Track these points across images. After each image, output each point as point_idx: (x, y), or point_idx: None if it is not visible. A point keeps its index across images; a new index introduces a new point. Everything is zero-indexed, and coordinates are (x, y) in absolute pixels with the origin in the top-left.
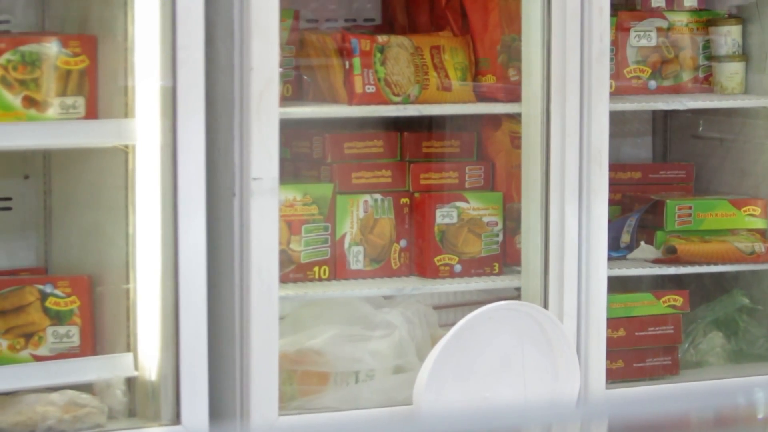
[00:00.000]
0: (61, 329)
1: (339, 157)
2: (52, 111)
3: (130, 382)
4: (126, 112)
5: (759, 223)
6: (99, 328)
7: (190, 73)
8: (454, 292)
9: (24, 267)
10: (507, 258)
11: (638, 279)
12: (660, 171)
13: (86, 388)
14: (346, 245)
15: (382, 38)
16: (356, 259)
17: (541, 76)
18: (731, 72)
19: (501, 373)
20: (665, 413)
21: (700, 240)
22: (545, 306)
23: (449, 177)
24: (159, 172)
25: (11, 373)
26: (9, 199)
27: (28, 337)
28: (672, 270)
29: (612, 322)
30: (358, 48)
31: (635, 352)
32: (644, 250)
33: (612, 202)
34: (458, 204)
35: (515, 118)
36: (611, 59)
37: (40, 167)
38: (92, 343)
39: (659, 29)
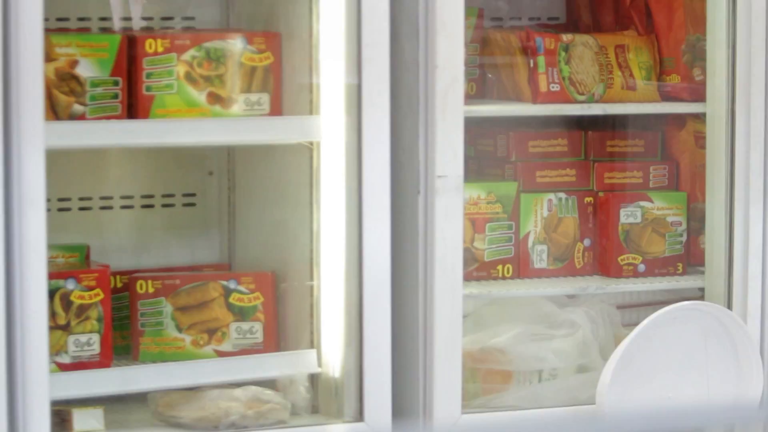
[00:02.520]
0: (245, 325)
1: (523, 156)
2: (236, 107)
3: (314, 379)
4: (311, 109)
5: None
6: (282, 324)
7: (376, 70)
8: (637, 291)
9: (207, 263)
10: (690, 258)
11: None
12: None
13: (269, 384)
14: (530, 244)
15: (566, 37)
16: (540, 257)
17: (726, 76)
18: None
19: (684, 373)
20: None
21: None
22: (729, 307)
23: (633, 176)
24: (344, 170)
25: (195, 369)
26: (193, 195)
27: (211, 332)
28: None
29: None
30: (542, 46)
31: None
32: None
33: None
34: (642, 203)
35: (700, 117)
36: None
37: (224, 163)
38: (275, 340)
39: None
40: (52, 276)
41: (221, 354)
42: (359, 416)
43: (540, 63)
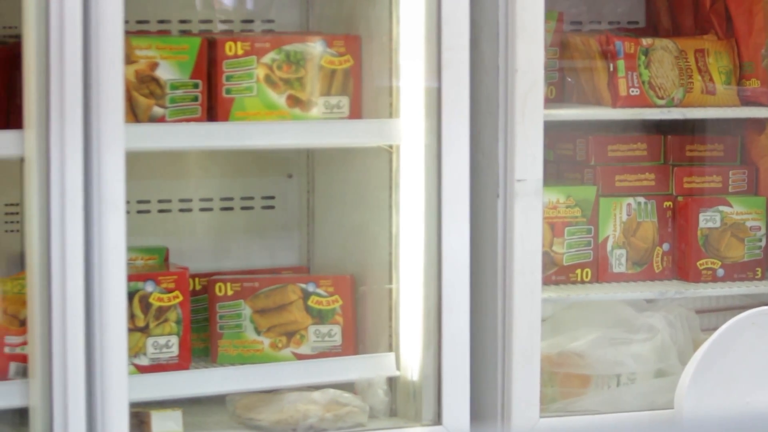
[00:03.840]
0: (323, 328)
1: (602, 160)
2: (316, 110)
3: (392, 382)
4: (390, 112)
5: None
6: (361, 327)
7: (455, 74)
8: (716, 296)
9: (286, 266)
10: None
11: None
12: None
13: (348, 387)
14: (609, 248)
15: (646, 41)
16: (619, 261)
17: None
18: None
19: (763, 378)
20: None
21: None
22: None
23: (712, 181)
24: (423, 173)
25: (273, 372)
26: (272, 197)
27: (290, 335)
28: None
29: None
30: (622, 50)
31: None
32: None
33: None
34: (721, 208)
35: None
36: None
37: (304, 166)
38: (354, 343)
39: None
40: (131, 278)
41: (300, 357)
42: (437, 419)
43: (620, 67)
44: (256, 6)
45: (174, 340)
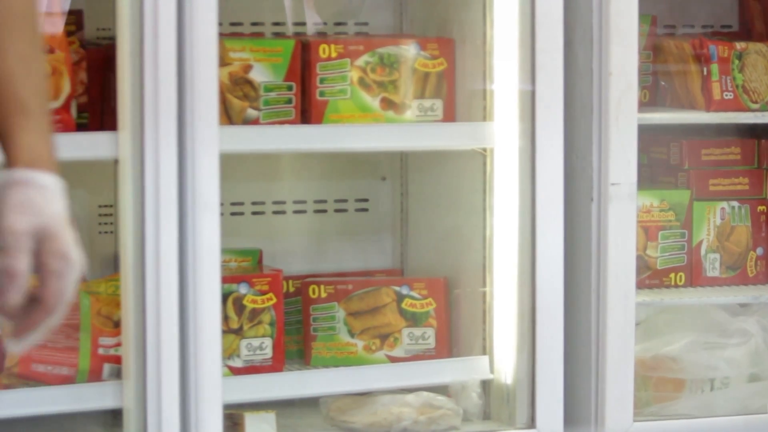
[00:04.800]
0: (417, 331)
1: (696, 164)
2: (409, 113)
3: (486, 385)
4: (484, 115)
5: None
6: (454, 330)
7: (550, 77)
8: None
9: (379, 268)
10: None
11: None
12: None
13: (441, 390)
14: (703, 252)
15: (740, 45)
16: (712, 266)
17: None
18: None
19: None
20: None
21: None
22: None
23: None
24: (517, 176)
25: (367, 374)
26: (366, 200)
27: (383, 338)
28: None
29: None
30: (716, 54)
31: None
32: None
33: None
34: None
35: None
36: None
37: (397, 169)
38: (447, 345)
39: None
40: (225, 280)
41: (393, 359)
42: (531, 423)
43: (713, 71)
44: (349, 8)
45: (268, 342)
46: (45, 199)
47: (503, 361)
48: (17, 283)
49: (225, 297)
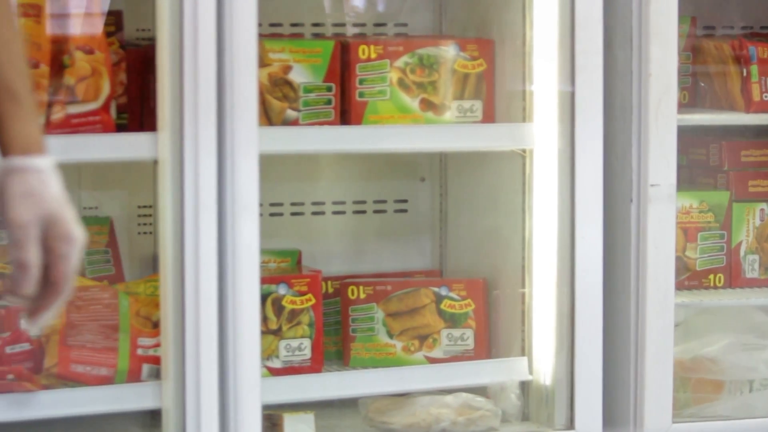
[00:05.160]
0: (456, 332)
1: (736, 165)
2: (449, 114)
3: (524, 386)
4: (524, 116)
5: None
6: (493, 331)
7: (589, 78)
8: None
9: (418, 269)
10: None
11: None
12: None
13: (480, 391)
14: (742, 253)
15: None
16: (752, 267)
17: None
18: None
19: None
20: None
21: None
22: None
23: None
24: (556, 177)
25: (406, 375)
26: (405, 201)
27: (422, 339)
28: None
29: None
30: (755, 55)
31: None
32: None
33: None
34: None
35: None
36: None
37: (437, 170)
38: (486, 347)
39: None
40: (264, 281)
41: (432, 360)
42: (570, 424)
43: (753, 72)
44: (388, 9)
45: (307, 343)
46: (43, 183)
47: (542, 362)
48: (31, 274)
49: (264, 298)
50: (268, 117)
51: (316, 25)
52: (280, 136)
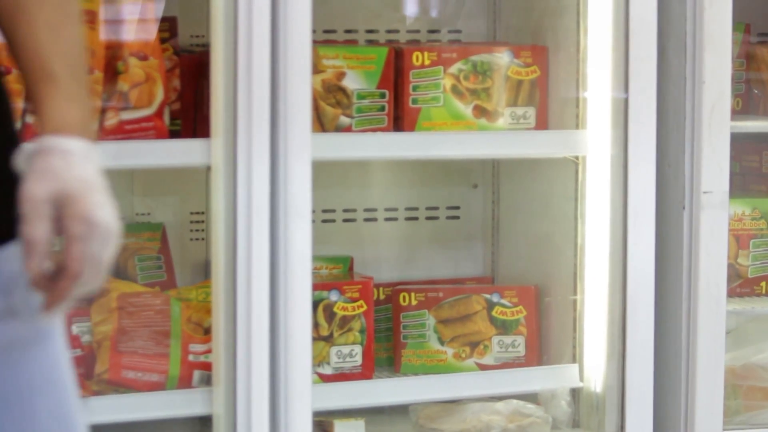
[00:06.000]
0: (507, 339)
1: None
2: (502, 121)
3: (575, 393)
4: (577, 123)
5: None
6: (544, 338)
7: (643, 85)
8: None
9: (470, 276)
10: None
11: None
12: None
13: (530, 398)
14: None
15: None
16: None
17: None
18: None
19: None
20: None
21: None
22: None
23: None
24: (609, 184)
25: (457, 382)
26: (457, 208)
27: (473, 345)
28: None
29: None
30: None
31: None
32: None
33: None
34: None
35: None
36: None
37: (489, 176)
38: (537, 353)
39: None
40: (315, 287)
41: (483, 367)
42: (620, 431)
43: None
44: (442, 16)
45: (357, 350)
46: (68, 163)
47: (593, 369)
48: (37, 250)
49: (316, 304)
50: (321, 123)
51: (369, 31)
52: (333, 142)
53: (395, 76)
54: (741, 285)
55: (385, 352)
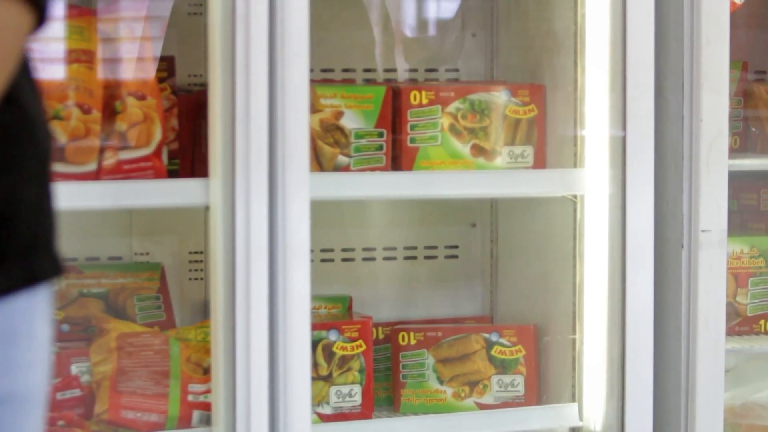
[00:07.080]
0: (506, 378)
1: None
2: (500, 160)
3: None
4: (575, 161)
5: None
6: (544, 377)
7: (641, 123)
8: None
9: (469, 315)
10: None
11: None
12: None
13: None
14: None
15: None
16: None
17: None
18: None
19: None
20: None
21: None
22: None
23: None
24: (607, 223)
25: (456, 421)
26: (456, 247)
27: (472, 385)
28: None
29: None
30: None
31: None
32: None
33: None
34: None
35: None
36: None
37: (487, 215)
38: (536, 393)
39: None
40: (314, 327)
41: (482, 406)
42: None
43: None
44: (440, 55)
45: (357, 389)
46: None
47: (592, 408)
48: None
49: (315, 344)
50: (319, 163)
51: (367, 70)
52: (331, 182)
53: (393, 115)
54: (740, 323)
55: (385, 391)
